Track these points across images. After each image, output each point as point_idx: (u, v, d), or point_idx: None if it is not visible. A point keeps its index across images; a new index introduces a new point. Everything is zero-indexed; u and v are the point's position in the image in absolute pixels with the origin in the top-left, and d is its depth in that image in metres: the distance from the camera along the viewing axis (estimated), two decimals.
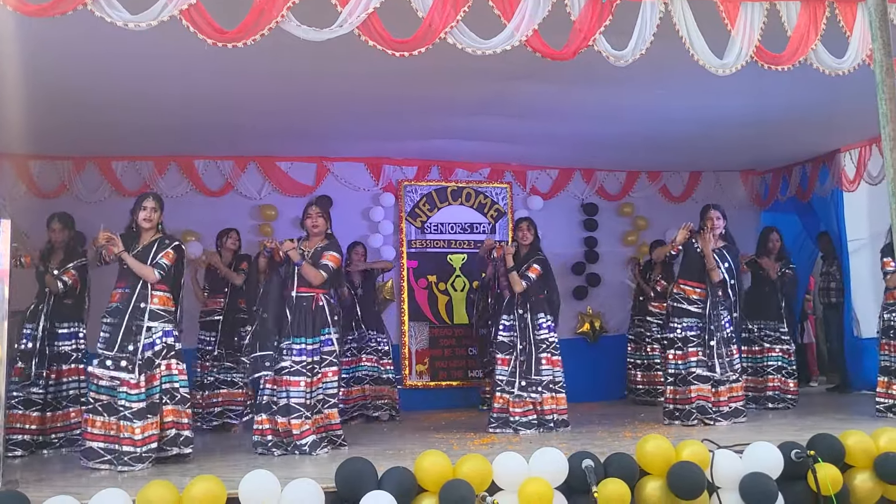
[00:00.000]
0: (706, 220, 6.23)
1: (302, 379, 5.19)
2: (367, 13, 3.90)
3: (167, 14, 3.68)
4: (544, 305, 6.17)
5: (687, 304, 6.12)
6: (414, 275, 8.29)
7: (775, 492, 4.05)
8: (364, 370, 7.16)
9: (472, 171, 8.57)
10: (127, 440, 4.75)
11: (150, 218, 5.13)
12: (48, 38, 4.34)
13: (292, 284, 5.36)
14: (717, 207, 6.32)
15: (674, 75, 5.36)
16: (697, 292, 6.11)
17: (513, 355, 6.04)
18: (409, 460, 4.12)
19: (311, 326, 5.29)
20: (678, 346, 6.07)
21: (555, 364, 6.06)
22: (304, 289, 5.35)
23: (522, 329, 6.05)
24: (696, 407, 5.93)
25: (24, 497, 3.51)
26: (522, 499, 3.83)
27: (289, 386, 5.19)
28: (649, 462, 4.14)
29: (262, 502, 3.61)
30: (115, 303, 5.02)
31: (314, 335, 5.29)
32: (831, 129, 7.38)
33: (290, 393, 5.18)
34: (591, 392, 7.99)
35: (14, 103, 5.32)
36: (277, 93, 5.79)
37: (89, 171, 7.52)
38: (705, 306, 6.06)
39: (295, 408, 5.15)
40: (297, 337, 5.26)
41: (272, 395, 5.25)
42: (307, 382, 5.20)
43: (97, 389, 4.88)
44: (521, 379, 5.97)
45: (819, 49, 4.58)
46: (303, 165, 8.07)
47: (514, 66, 4.80)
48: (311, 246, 5.50)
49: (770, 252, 7.32)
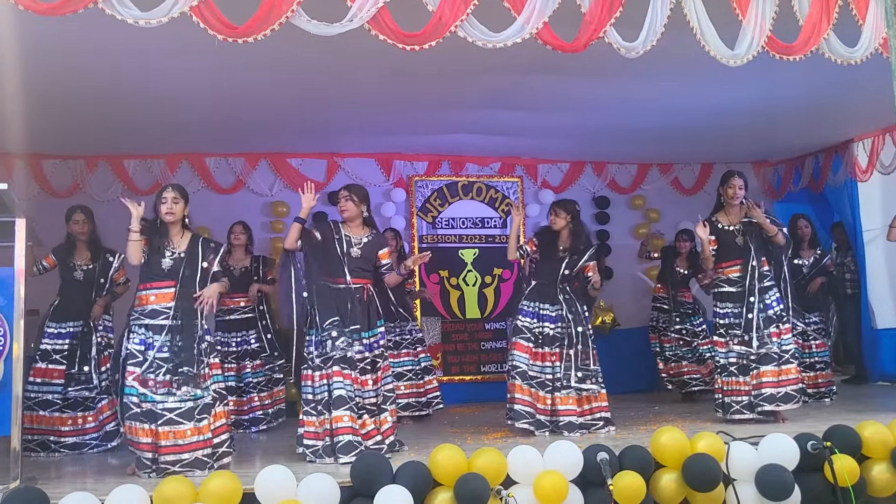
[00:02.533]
0: (728, 186, 5.73)
1: (370, 376, 4.87)
2: (377, 7, 3.89)
3: (177, 10, 3.68)
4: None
5: (728, 285, 5.73)
6: (426, 270, 8.29)
7: (792, 484, 4.04)
8: (406, 365, 6.84)
9: (482, 166, 8.56)
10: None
11: (173, 210, 4.70)
12: (59, 38, 4.36)
13: (342, 274, 4.92)
14: (740, 175, 5.78)
15: (685, 67, 5.33)
16: (735, 269, 5.71)
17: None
18: (423, 455, 4.13)
19: (367, 319, 4.93)
20: (720, 334, 5.73)
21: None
22: (359, 280, 4.98)
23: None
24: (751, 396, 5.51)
25: (44, 494, 3.53)
26: (537, 492, 3.83)
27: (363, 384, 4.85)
28: (664, 454, 4.14)
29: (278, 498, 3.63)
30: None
31: (371, 328, 4.96)
32: (844, 119, 7.32)
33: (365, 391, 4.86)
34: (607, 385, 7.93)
35: (26, 103, 5.35)
36: (288, 90, 5.80)
37: (102, 170, 7.56)
38: (745, 283, 5.63)
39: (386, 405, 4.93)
40: (361, 331, 4.88)
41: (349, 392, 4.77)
42: (374, 379, 4.90)
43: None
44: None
45: (831, 38, 4.53)
46: (313, 162, 8.09)
47: (525, 59, 4.78)
48: (351, 233, 5.09)
49: (801, 240, 7.16)
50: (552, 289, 5.67)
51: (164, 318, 4.54)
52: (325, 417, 4.73)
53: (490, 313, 8.38)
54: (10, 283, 4.25)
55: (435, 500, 3.81)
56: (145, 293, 4.63)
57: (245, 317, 6.65)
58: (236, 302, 6.63)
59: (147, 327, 4.55)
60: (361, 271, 5.02)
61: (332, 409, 4.70)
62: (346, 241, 5.02)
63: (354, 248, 5.02)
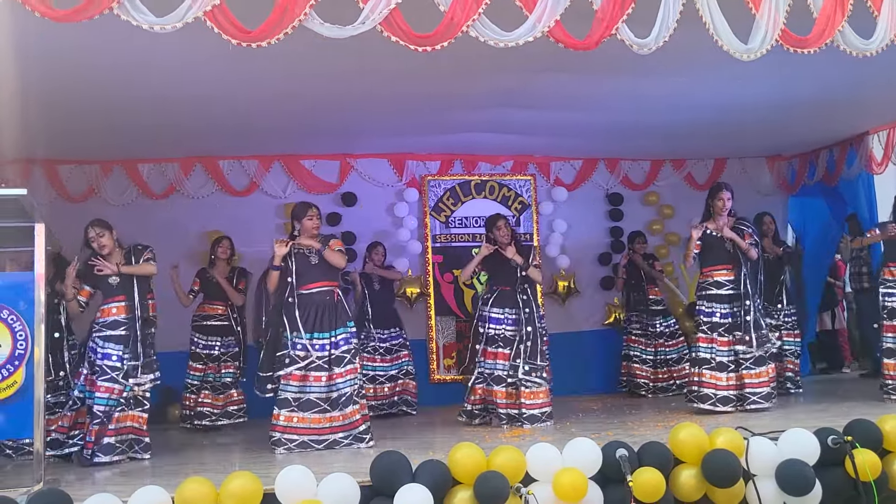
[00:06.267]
0: (717, 199, 6.18)
1: (345, 369, 5.32)
2: (389, 9, 3.90)
3: (192, 16, 3.70)
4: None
5: (716, 288, 6.11)
6: (439, 269, 8.30)
7: (812, 479, 4.01)
8: (397, 367, 7.29)
9: (495, 165, 8.56)
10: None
11: (104, 244, 5.40)
12: (73, 44, 4.39)
13: (306, 281, 5.43)
14: (728, 188, 6.26)
15: (698, 62, 5.31)
16: (723, 272, 6.11)
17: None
18: (441, 453, 4.13)
19: (333, 321, 5.37)
20: (704, 331, 6.09)
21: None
22: (323, 283, 5.44)
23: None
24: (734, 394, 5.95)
25: (67, 496, 3.57)
26: (557, 489, 3.83)
27: (337, 378, 5.30)
28: (683, 450, 4.12)
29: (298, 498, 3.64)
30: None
31: (334, 328, 5.38)
32: (859, 112, 7.27)
33: (339, 385, 5.29)
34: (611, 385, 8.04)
35: (41, 110, 5.40)
36: (300, 91, 5.82)
37: (116, 175, 7.63)
38: (738, 287, 6.06)
39: (352, 399, 5.31)
40: (320, 332, 5.33)
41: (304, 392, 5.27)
42: (349, 371, 5.34)
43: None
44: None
45: (846, 30, 4.50)
46: (326, 163, 8.11)
47: (537, 57, 4.77)
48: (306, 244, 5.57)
49: (764, 235, 7.27)
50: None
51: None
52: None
53: None
54: (31, 287, 4.30)
55: (455, 499, 3.82)
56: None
57: (221, 324, 6.95)
58: (214, 309, 6.97)
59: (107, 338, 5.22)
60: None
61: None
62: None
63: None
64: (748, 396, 5.95)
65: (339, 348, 5.37)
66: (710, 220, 6.24)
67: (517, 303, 6.13)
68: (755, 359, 5.99)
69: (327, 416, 5.25)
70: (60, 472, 4.75)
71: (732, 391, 5.97)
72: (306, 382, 5.28)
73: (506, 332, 6.08)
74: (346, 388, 5.31)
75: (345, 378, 5.32)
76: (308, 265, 5.49)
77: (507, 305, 6.14)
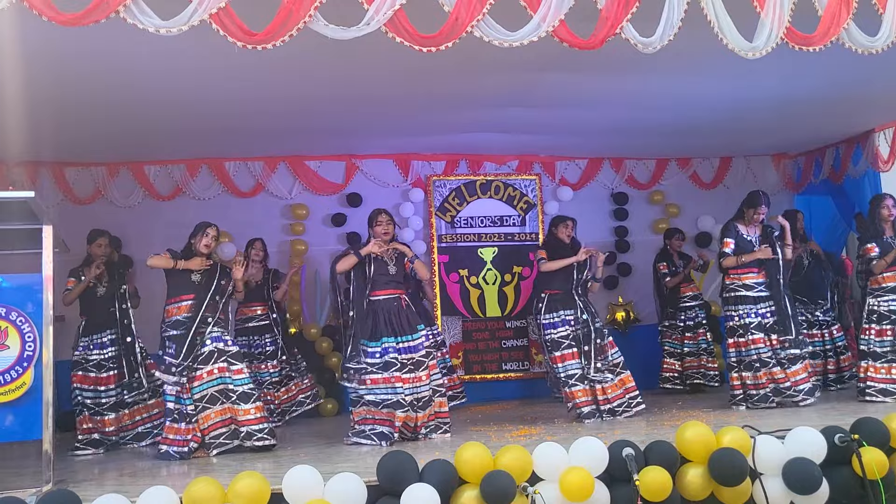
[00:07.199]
0: (756, 212, 6.28)
1: (423, 373, 5.50)
2: (394, 10, 3.90)
3: (197, 18, 3.72)
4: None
5: (745, 290, 6.17)
6: (445, 269, 8.31)
7: (819, 477, 4.01)
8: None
9: (500, 164, 8.56)
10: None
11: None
12: (80, 47, 4.42)
13: (378, 287, 5.61)
14: (768, 203, 6.38)
15: (702, 60, 5.31)
16: (751, 275, 6.18)
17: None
18: (448, 453, 4.14)
19: (407, 324, 5.57)
20: (740, 334, 6.14)
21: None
22: (392, 290, 5.64)
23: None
24: (772, 390, 6.03)
25: (76, 496, 3.59)
26: (563, 488, 3.83)
27: (418, 381, 5.47)
28: (690, 449, 4.12)
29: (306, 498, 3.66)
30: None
31: (413, 332, 5.57)
32: (865, 109, 7.26)
33: (419, 388, 5.46)
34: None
35: (48, 113, 5.44)
36: (305, 92, 5.83)
37: (123, 177, 7.65)
38: (768, 288, 6.15)
39: (429, 399, 5.50)
40: (401, 336, 5.51)
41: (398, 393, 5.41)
42: (427, 375, 5.53)
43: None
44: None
45: (851, 28, 4.50)
46: (332, 164, 8.13)
47: (541, 56, 4.78)
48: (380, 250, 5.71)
49: (797, 234, 7.25)
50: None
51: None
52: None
53: (510, 311, 8.38)
54: (39, 289, 4.33)
55: (461, 498, 3.83)
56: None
57: (261, 324, 7.04)
58: (253, 310, 7.04)
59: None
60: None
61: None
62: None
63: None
64: (794, 394, 5.99)
65: (417, 352, 5.52)
66: (741, 220, 6.33)
67: (576, 305, 6.20)
68: (792, 358, 6.05)
69: (412, 415, 5.41)
70: (71, 472, 4.78)
71: (773, 386, 6.03)
72: (388, 384, 5.44)
73: (573, 332, 6.13)
74: (426, 391, 5.51)
75: (425, 381, 5.52)
76: (385, 273, 5.65)
77: (565, 308, 6.19)
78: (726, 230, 6.33)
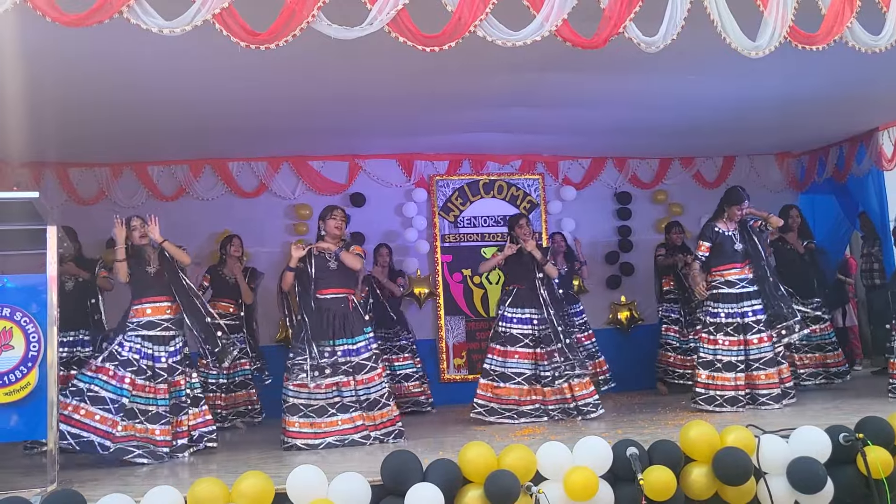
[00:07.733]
0: (738, 208, 6.21)
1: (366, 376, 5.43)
2: (397, 10, 3.91)
3: (200, 18, 3.72)
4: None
5: (727, 287, 6.14)
6: (448, 269, 8.31)
7: (824, 476, 3.99)
8: (406, 368, 7.36)
9: (503, 164, 8.56)
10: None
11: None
12: (83, 48, 4.43)
13: (321, 286, 5.48)
14: (748, 197, 6.32)
15: (706, 59, 5.30)
16: (733, 272, 6.14)
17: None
18: (452, 453, 4.14)
19: (351, 328, 5.44)
20: (709, 332, 6.10)
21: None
22: (338, 290, 5.51)
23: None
24: (736, 396, 5.94)
25: (81, 496, 3.59)
26: (567, 488, 3.83)
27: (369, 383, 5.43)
28: (694, 448, 4.11)
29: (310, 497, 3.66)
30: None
31: (355, 335, 5.45)
32: (869, 108, 7.24)
33: (371, 389, 5.43)
34: (628, 381, 7.98)
35: (52, 113, 5.45)
36: (308, 93, 5.84)
37: (126, 177, 7.68)
38: (751, 283, 6.12)
39: (382, 401, 5.46)
40: (339, 339, 5.39)
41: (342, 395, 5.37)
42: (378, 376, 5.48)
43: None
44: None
45: (855, 27, 4.49)
46: (335, 164, 8.14)
47: (544, 56, 4.78)
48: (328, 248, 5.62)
49: (790, 229, 7.27)
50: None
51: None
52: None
53: None
54: (43, 289, 4.33)
55: (465, 498, 3.82)
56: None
57: (231, 322, 6.93)
58: (225, 308, 6.99)
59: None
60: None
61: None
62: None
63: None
64: (759, 398, 5.95)
65: (360, 355, 5.44)
66: (721, 219, 6.29)
67: (538, 302, 6.18)
68: (767, 360, 5.98)
69: (353, 416, 5.36)
70: (75, 473, 4.78)
71: (741, 391, 5.95)
72: (326, 389, 5.36)
73: (528, 331, 6.15)
74: (374, 393, 5.43)
75: (370, 384, 5.44)
76: (326, 270, 5.53)
77: (525, 305, 6.20)
78: (704, 232, 6.27)
